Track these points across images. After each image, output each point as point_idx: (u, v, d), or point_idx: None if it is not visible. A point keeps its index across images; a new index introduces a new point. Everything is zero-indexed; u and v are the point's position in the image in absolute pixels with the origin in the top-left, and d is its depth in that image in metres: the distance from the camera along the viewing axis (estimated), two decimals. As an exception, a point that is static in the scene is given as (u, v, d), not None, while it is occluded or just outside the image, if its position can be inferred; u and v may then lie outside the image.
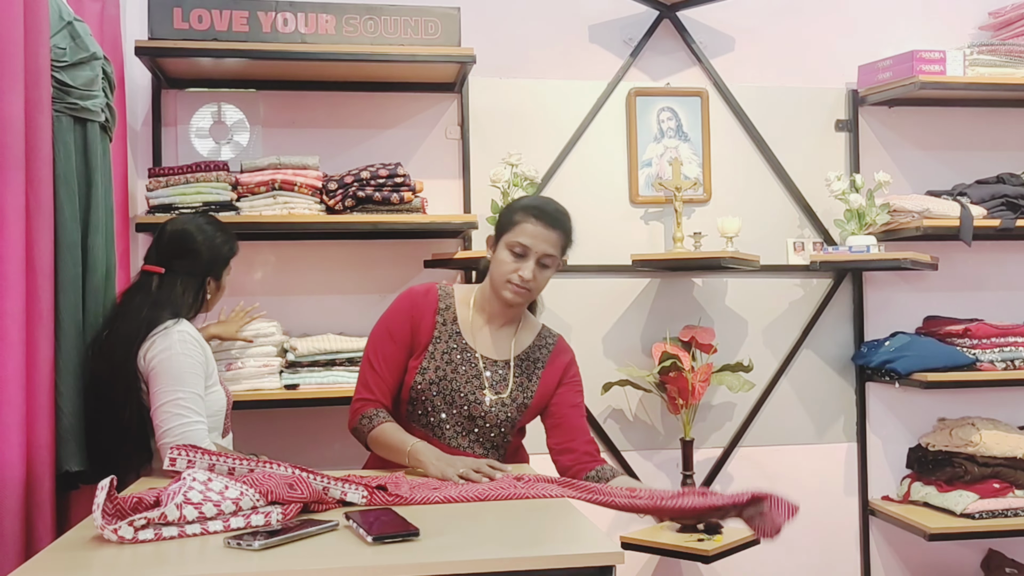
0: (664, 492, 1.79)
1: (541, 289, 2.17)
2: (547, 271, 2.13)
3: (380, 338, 2.16)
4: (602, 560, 1.38)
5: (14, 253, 1.88)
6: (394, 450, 2.04)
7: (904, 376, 3.21)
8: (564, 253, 2.18)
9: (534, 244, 2.09)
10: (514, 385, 2.15)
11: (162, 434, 2.04)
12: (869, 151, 3.51)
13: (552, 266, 2.13)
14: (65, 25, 2.17)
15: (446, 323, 2.17)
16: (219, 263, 2.31)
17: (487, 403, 2.11)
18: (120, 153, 2.72)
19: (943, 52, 3.27)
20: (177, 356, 2.08)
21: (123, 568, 1.34)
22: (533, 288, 2.12)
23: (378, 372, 2.13)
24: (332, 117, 3.20)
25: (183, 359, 2.08)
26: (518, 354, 2.18)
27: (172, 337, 2.10)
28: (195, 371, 2.10)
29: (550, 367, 2.20)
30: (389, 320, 2.18)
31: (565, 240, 2.16)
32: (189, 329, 2.15)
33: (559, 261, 2.15)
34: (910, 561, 3.50)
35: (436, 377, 2.12)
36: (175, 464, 1.72)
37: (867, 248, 3.22)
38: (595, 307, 3.34)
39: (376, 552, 1.39)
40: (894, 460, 3.50)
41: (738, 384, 3.13)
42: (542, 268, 2.11)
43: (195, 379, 2.10)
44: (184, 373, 2.08)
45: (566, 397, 2.21)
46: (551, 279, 2.17)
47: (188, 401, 2.06)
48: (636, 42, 3.39)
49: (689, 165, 3.38)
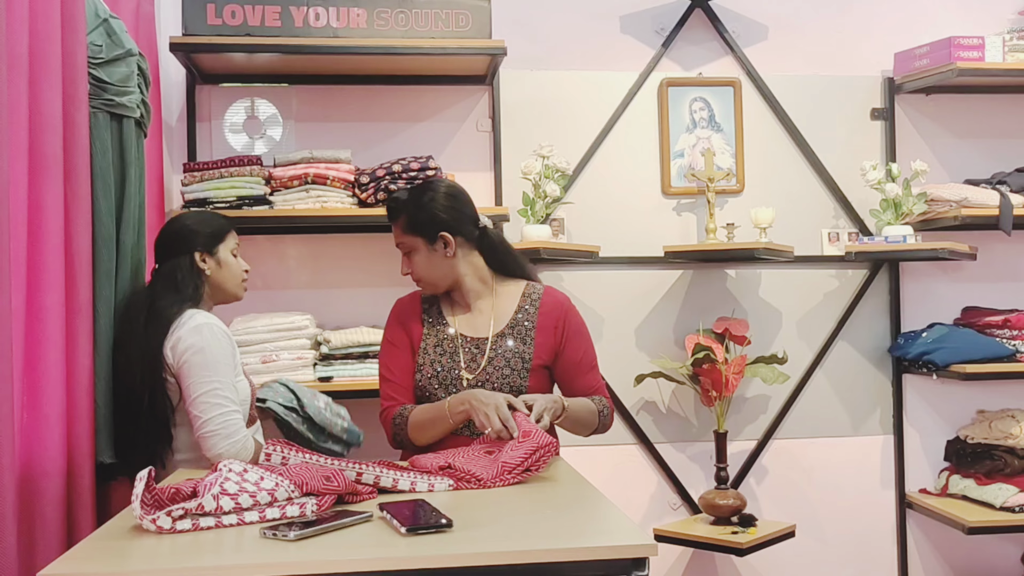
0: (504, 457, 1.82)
1: (426, 273, 2.19)
2: (417, 255, 2.18)
3: (385, 351, 2.27)
4: (635, 552, 1.38)
5: (54, 248, 1.91)
6: (435, 419, 2.09)
7: (942, 368, 3.17)
8: (420, 229, 2.17)
9: (397, 242, 2.23)
10: (491, 354, 2.16)
11: (202, 424, 2.06)
12: (905, 140, 3.45)
13: (417, 248, 2.17)
14: (101, 22, 2.20)
15: (432, 319, 2.24)
16: (203, 236, 2.27)
17: (464, 384, 2.15)
18: (155, 148, 2.75)
19: (981, 38, 3.21)
20: (210, 347, 2.11)
21: (162, 557, 1.36)
22: (418, 276, 2.21)
23: (393, 380, 2.22)
24: (364, 111, 3.22)
25: (216, 350, 2.11)
26: (500, 329, 2.19)
27: (202, 329, 2.12)
28: (227, 361, 2.13)
29: (542, 323, 2.20)
30: (386, 333, 2.29)
31: (408, 220, 2.18)
32: (214, 320, 2.18)
33: (420, 239, 2.17)
34: (948, 555, 3.46)
35: (433, 371, 2.17)
36: (270, 459, 1.76)
37: (904, 238, 3.17)
38: (627, 299, 3.32)
39: (410, 543, 1.40)
40: (931, 453, 3.45)
41: (772, 376, 3.10)
42: (410, 256, 2.20)
43: (227, 369, 2.13)
44: (218, 363, 2.10)
45: (568, 355, 2.21)
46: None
47: (225, 390, 2.09)
48: (668, 32, 3.36)
49: (722, 155, 3.35)
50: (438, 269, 2.20)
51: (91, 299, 2.11)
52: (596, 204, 3.31)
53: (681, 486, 3.32)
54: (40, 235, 1.87)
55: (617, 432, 3.29)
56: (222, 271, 2.28)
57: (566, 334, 2.21)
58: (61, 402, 1.92)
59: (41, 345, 1.86)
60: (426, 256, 2.18)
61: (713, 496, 3.10)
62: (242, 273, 2.33)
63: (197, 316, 2.17)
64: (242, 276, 2.33)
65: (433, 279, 2.21)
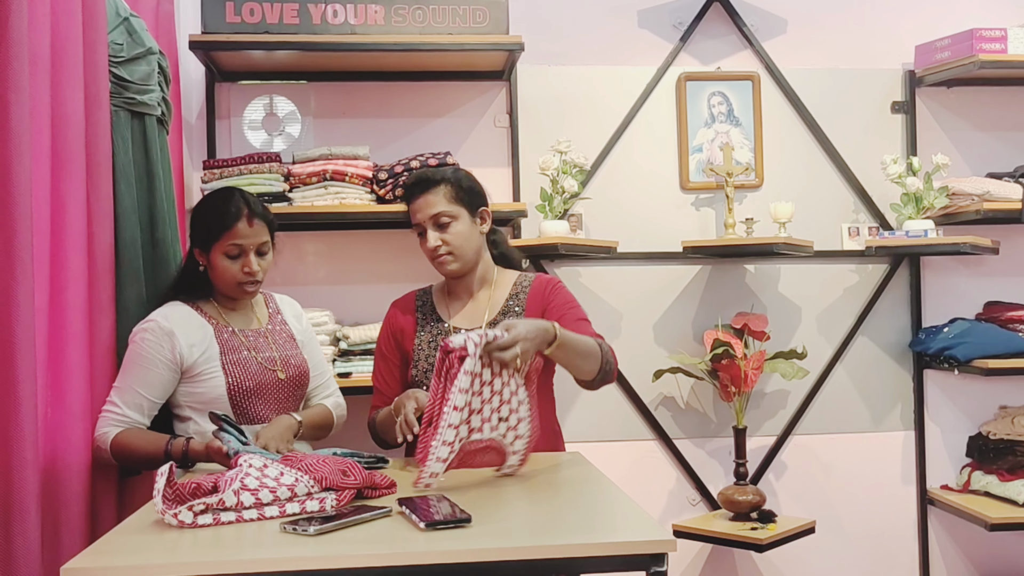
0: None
1: (463, 245, 2.15)
2: (453, 225, 2.14)
3: (375, 359, 2.30)
4: (654, 548, 1.38)
5: (77, 245, 1.93)
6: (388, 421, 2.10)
7: (964, 363, 3.14)
8: (465, 199, 2.16)
9: (420, 216, 2.15)
10: None
11: None
12: (926, 133, 3.42)
13: (454, 219, 2.13)
14: (122, 21, 2.21)
15: (426, 316, 2.25)
16: (201, 233, 2.16)
17: None
18: (175, 146, 2.77)
19: (1004, 30, 3.18)
20: (132, 348, 2.09)
21: (183, 552, 1.37)
22: (451, 250, 2.14)
23: (379, 389, 2.26)
24: (382, 107, 3.23)
25: (135, 352, 2.08)
26: (494, 316, 2.18)
27: (137, 330, 2.10)
28: (144, 364, 2.07)
29: (529, 304, 2.18)
30: (378, 341, 2.30)
31: (455, 189, 2.15)
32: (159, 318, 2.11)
33: (460, 210, 2.14)
34: (970, 551, 3.43)
35: (428, 364, 2.18)
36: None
37: (925, 232, 3.15)
38: (646, 294, 3.32)
39: (429, 538, 1.40)
40: (953, 449, 3.43)
41: (792, 371, 3.09)
42: (442, 228, 2.14)
43: (138, 370, 2.07)
44: (129, 364, 2.08)
45: (552, 312, 2.15)
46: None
47: (122, 393, 2.07)
48: (686, 26, 3.35)
49: (740, 150, 3.34)
50: (474, 242, 2.18)
51: (113, 296, 2.12)
52: (614, 199, 3.30)
53: (700, 482, 3.31)
54: (63, 233, 1.89)
55: (636, 428, 3.29)
56: (214, 272, 2.17)
57: (550, 302, 2.18)
58: (84, 398, 1.94)
59: (64, 342, 1.88)
60: (468, 227, 2.16)
61: (732, 492, 3.10)
62: (237, 276, 2.15)
63: (158, 311, 2.13)
64: (236, 279, 2.15)
65: (467, 252, 2.17)
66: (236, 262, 2.14)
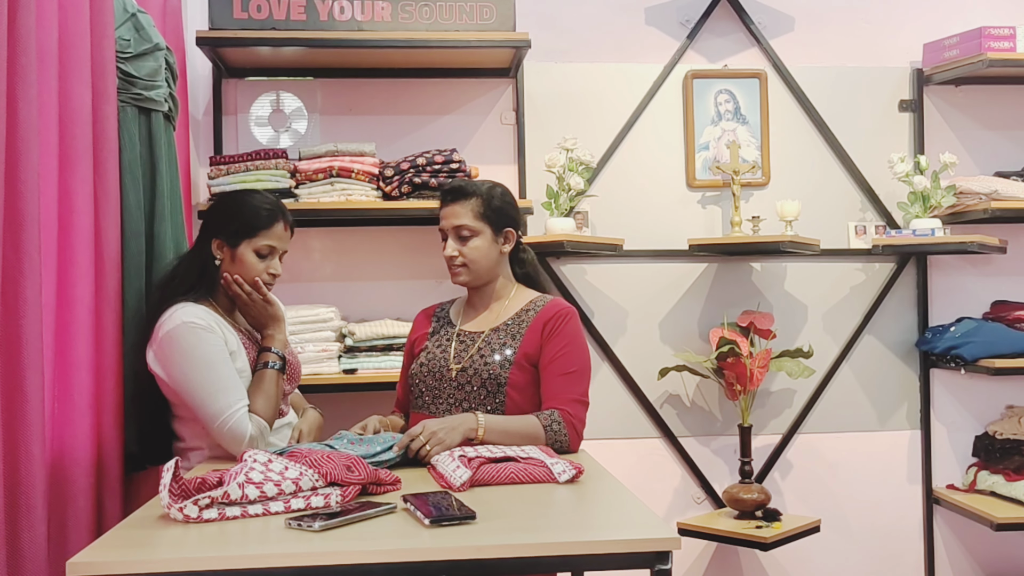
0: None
1: (478, 260, 2.20)
2: (473, 240, 2.19)
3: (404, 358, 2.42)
4: (659, 546, 1.38)
5: (84, 240, 1.93)
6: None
7: (970, 362, 3.13)
8: (493, 217, 2.20)
9: (445, 223, 2.22)
10: (481, 344, 2.18)
11: (209, 419, 2.02)
12: (934, 131, 3.41)
13: (475, 234, 2.19)
14: (129, 17, 2.22)
15: (440, 320, 2.34)
16: (232, 223, 2.14)
17: (452, 373, 2.18)
18: (182, 142, 2.78)
19: (1013, 28, 3.16)
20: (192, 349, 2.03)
21: (189, 546, 1.38)
22: (465, 262, 2.20)
23: (397, 394, 2.42)
24: (388, 104, 3.23)
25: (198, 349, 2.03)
26: (498, 325, 2.21)
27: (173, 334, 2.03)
28: (212, 357, 2.04)
29: (535, 323, 2.19)
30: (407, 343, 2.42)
31: (484, 205, 2.19)
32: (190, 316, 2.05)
33: (483, 227, 2.19)
34: (976, 551, 3.43)
35: (426, 359, 2.24)
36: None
37: (932, 231, 3.14)
38: (652, 292, 3.31)
39: (433, 535, 1.41)
40: (959, 448, 3.42)
41: (798, 370, 3.09)
42: (462, 240, 2.20)
43: (217, 363, 2.05)
44: (206, 361, 2.04)
45: (546, 352, 2.16)
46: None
47: (222, 382, 2.04)
48: (693, 24, 3.34)
49: (747, 148, 3.33)
50: (491, 259, 2.23)
51: (119, 291, 2.13)
52: (620, 197, 3.30)
53: (705, 480, 3.31)
54: (70, 228, 1.89)
55: (641, 425, 3.29)
56: (234, 267, 2.14)
57: (552, 332, 2.17)
58: (90, 393, 1.95)
59: (71, 337, 1.89)
60: (488, 244, 2.21)
61: (737, 490, 3.09)
62: (261, 275, 2.15)
63: (177, 312, 2.05)
64: (259, 278, 2.15)
65: (481, 268, 2.22)
66: (263, 262, 2.17)
